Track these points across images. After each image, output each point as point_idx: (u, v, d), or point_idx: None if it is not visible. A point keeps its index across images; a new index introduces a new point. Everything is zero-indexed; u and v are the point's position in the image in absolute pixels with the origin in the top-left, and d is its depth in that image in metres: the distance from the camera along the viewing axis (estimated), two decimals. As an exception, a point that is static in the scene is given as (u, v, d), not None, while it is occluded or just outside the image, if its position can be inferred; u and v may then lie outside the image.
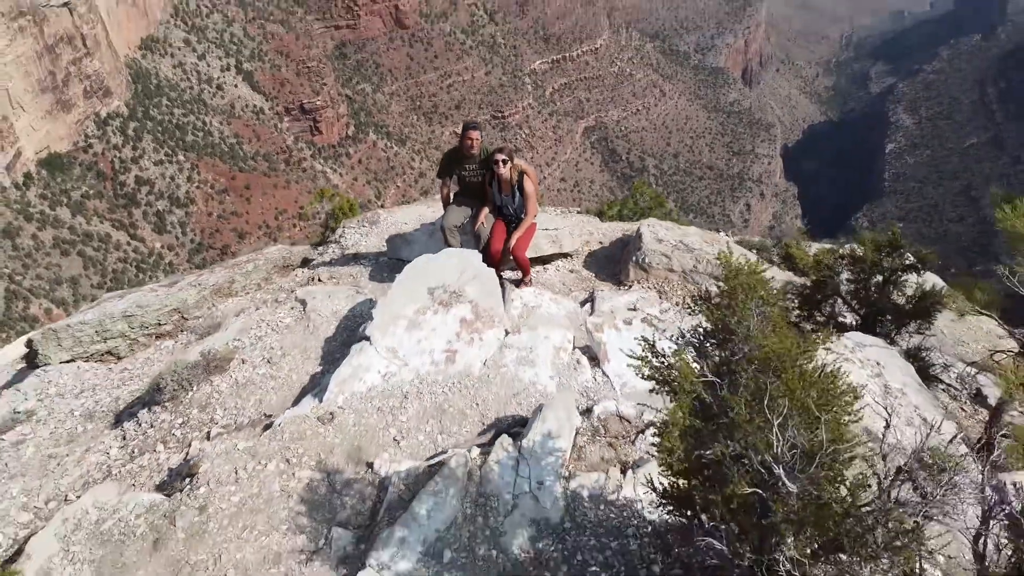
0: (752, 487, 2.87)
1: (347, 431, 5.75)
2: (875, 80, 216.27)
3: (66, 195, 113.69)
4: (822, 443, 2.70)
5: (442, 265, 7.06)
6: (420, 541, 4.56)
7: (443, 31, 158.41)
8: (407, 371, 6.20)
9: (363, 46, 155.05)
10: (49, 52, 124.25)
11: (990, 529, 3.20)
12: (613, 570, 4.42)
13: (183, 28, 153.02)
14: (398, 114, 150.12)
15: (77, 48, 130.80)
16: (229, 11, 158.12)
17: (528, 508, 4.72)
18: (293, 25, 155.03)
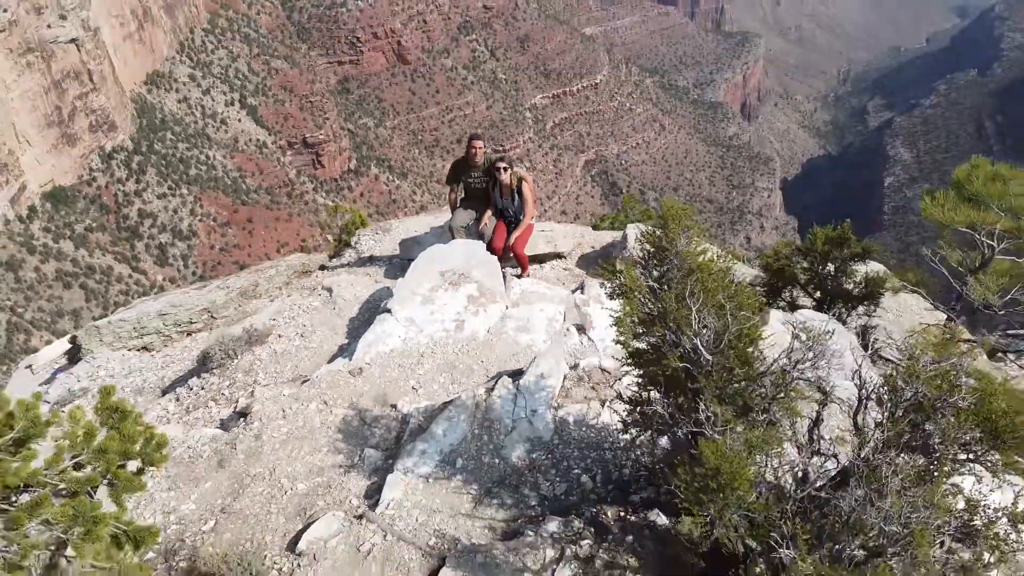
0: (681, 363, 4.08)
1: (373, 381, 6.95)
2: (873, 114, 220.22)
3: (69, 228, 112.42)
4: (726, 324, 3.92)
5: (451, 253, 8.32)
6: (437, 452, 5.74)
7: (444, 67, 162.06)
8: (423, 336, 7.42)
9: (366, 81, 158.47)
10: (56, 87, 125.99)
11: (864, 406, 4.40)
12: (592, 472, 5.59)
13: (189, 64, 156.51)
14: (400, 148, 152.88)
15: (84, 83, 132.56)
16: (234, 47, 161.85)
17: (524, 429, 5.91)
18: (297, 61, 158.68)
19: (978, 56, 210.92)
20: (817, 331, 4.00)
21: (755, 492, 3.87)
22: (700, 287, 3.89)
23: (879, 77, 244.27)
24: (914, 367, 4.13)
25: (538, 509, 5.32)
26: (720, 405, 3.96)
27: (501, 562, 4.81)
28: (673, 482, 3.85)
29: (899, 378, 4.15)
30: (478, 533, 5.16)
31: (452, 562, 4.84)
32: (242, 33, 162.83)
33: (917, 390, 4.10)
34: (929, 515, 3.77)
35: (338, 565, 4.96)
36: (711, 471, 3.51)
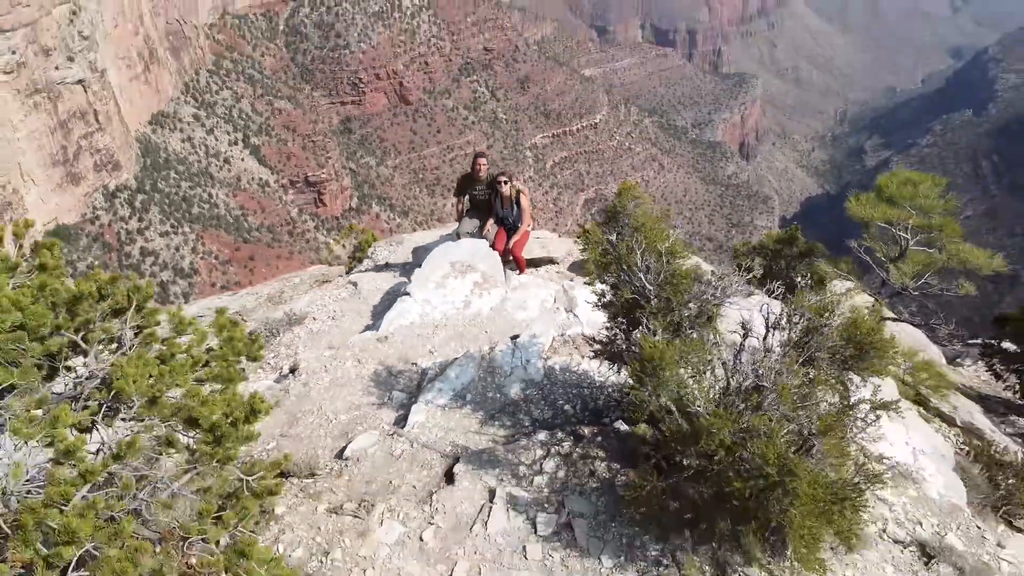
0: (632, 295, 5.75)
1: (397, 346, 8.59)
2: (870, 153, 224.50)
3: (71, 266, 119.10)
4: (662, 265, 5.59)
5: (460, 248, 10.04)
6: (451, 390, 7.36)
7: (446, 107, 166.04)
8: (437, 313, 9.08)
9: (368, 121, 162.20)
10: (62, 127, 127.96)
11: (772, 335, 6.04)
12: (573, 403, 7.20)
13: (193, 104, 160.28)
14: (401, 186, 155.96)
15: (89, 123, 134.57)
16: (238, 88, 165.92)
17: (520, 374, 7.53)
18: (300, 101, 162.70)
19: (973, 97, 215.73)
20: (726, 275, 5.67)
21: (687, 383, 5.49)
22: (643, 238, 5.58)
23: (876, 117, 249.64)
24: (803, 300, 5.80)
25: (530, 428, 6.93)
26: (658, 321, 5.62)
27: (502, 459, 6.40)
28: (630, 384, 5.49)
29: (794, 309, 5.81)
30: (484, 443, 6.75)
31: (464, 460, 6.43)
32: (246, 74, 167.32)
33: (804, 315, 5.76)
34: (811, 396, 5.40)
35: (376, 464, 6.54)
36: (647, 359, 5.14)
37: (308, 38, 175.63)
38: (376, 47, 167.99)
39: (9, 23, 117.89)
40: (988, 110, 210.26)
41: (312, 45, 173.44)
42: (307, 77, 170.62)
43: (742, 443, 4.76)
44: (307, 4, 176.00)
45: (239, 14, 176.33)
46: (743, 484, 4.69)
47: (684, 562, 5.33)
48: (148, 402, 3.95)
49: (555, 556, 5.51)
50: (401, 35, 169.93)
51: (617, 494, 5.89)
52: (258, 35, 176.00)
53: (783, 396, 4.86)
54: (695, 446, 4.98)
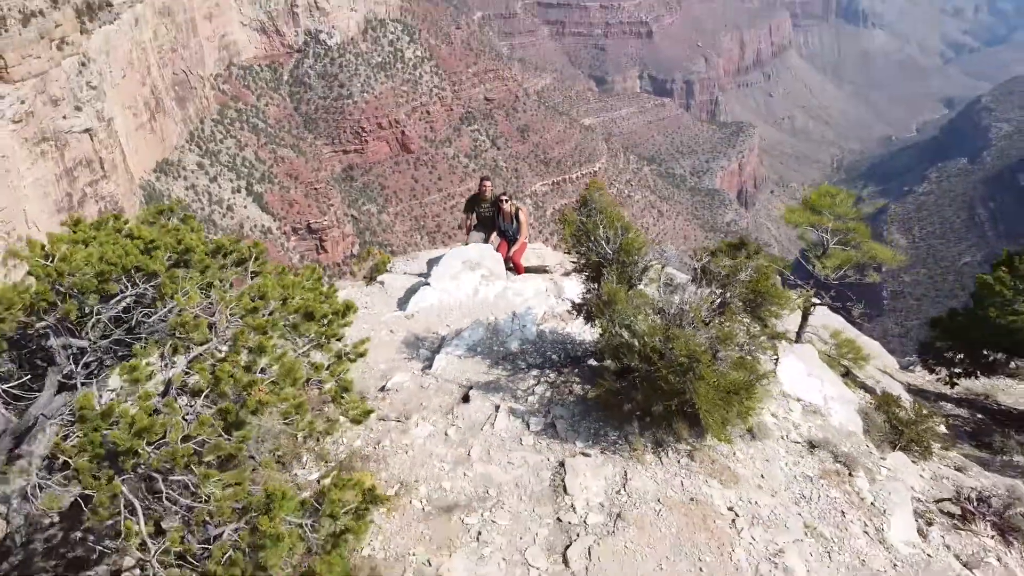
0: (597, 258, 8.22)
1: (421, 321, 11.01)
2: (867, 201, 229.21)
3: None
4: (618, 235, 8.05)
5: (470, 250, 12.55)
6: (465, 345, 9.76)
7: (447, 155, 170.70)
8: (451, 298, 11.52)
9: (369, 169, 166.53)
10: (68, 174, 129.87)
11: (698, 283, 8.49)
12: (558, 354, 9.60)
13: (197, 152, 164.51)
14: (402, 233, 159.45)
15: (95, 171, 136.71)
16: (243, 137, 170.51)
17: (518, 334, 9.94)
18: (303, 150, 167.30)
19: (967, 145, 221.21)
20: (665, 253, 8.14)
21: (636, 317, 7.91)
22: (604, 217, 8.08)
23: (872, 165, 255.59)
24: (719, 260, 8.26)
25: (525, 369, 9.31)
26: (614, 273, 8.08)
27: (504, 386, 8.78)
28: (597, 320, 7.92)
29: (711, 265, 8.28)
30: (491, 378, 9.13)
31: (476, 388, 8.81)
32: (250, 123, 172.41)
33: (719, 271, 8.22)
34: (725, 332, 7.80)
35: (410, 392, 8.92)
36: (605, 296, 7.58)
37: (312, 88, 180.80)
38: (379, 97, 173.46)
39: (20, 74, 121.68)
40: (983, 158, 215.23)
41: (316, 95, 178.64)
42: (310, 126, 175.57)
43: (667, 346, 7.16)
44: (311, 56, 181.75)
45: (244, 65, 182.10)
46: (667, 370, 7.07)
47: (633, 442, 7.67)
48: (281, 303, 6.31)
49: (542, 443, 7.86)
50: (403, 85, 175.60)
51: (587, 404, 8.26)
52: (263, 85, 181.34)
53: (696, 314, 7.29)
54: (639, 353, 7.38)
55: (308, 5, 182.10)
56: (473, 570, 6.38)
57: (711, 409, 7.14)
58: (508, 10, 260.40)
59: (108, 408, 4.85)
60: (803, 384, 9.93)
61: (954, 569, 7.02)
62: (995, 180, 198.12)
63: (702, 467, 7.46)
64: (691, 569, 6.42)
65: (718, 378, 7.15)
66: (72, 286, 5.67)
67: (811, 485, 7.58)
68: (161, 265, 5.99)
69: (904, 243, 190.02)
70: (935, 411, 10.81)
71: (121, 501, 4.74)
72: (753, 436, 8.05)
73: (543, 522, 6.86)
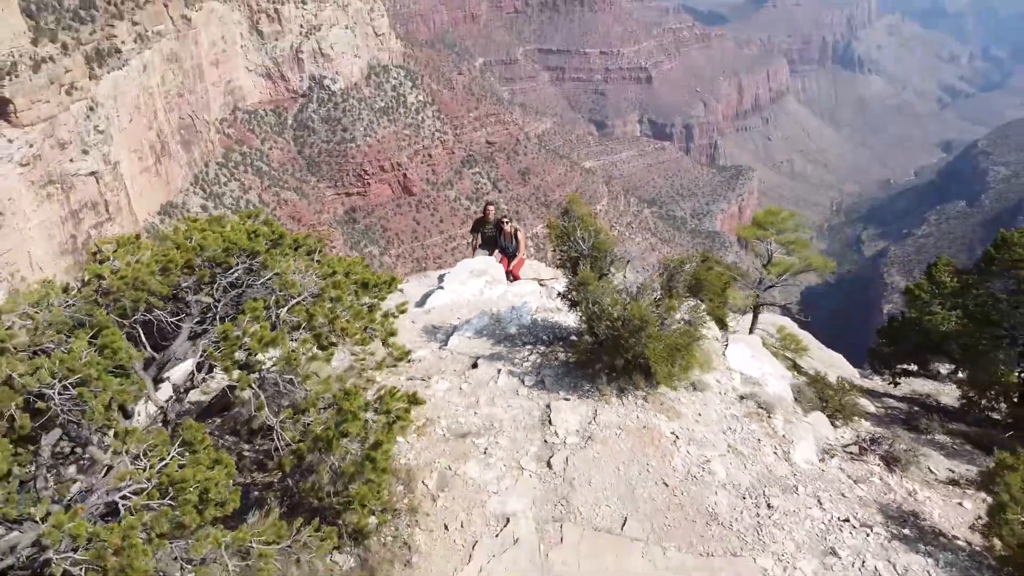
0: (575, 253, 10.91)
1: (436, 315, 13.64)
2: (867, 243, 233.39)
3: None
4: (592, 236, 10.73)
5: (475, 261, 15.26)
6: (473, 330, 12.39)
7: (448, 197, 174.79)
8: (461, 298, 14.18)
9: (372, 211, 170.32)
10: (73, 217, 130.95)
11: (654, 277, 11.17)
12: (548, 335, 12.21)
13: (201, 195, 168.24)
14: (404, 275, 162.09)
15: (100, 213, 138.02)
16: (246, 180, 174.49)
17: (516, 322, 12.57)
18: (306, 192, 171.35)
19: (965, 189, 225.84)
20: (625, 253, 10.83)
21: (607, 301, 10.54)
22: (580, 222, 10.78)
23: (871, 208, 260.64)
24: (669, 260, 10.94)
25: (521, 345, 11.91)
26: (588, 264, 10.74)
27: (505, 357, 11.39)
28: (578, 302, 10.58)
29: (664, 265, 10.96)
30: (494, 352, 11.72)
31: (483, 358, 11.41)
32: (254, 166, 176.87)
33: (669, 267, 10.90)
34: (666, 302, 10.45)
35: (431, 362, 11.51)
36: (581, 280, 10.23)
37: (315, 132, 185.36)
38: (381, 140, 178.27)
39: (29, 118, 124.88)
40: (981, 201, 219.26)
41: (319, 139, 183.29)
42: (313, 169, 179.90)
43: (625, 314, 9.78)
44: (315, 100, 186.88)
45: (250, 109, 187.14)
46: (627, 332, 9.67)
47: (602, 389, 10.25)
48: (345, 274, 8.90)
49: (534, 393, 10.43)
50: (406, 129, 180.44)
51: (568, 366, 10.85)
52: (267, 129, 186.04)
53: (644, 291, 9.94)
54: (606, 321, 10.00)
55: (313, 52, 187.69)
56: (482, 472, 8.90)
57: (659, 361, 9.73)
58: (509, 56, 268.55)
59: (239, 330, 7.47)
60: (747, 363, 12.51)
61: (842, 480, 9.52)
62: (994, 223, 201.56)
63: (653, 406, 10.02)
64: (640, 471, 8.94)
65: (664, 338, 9.75)
66: (206, 259, 8.32)
67: (736, 421, 10.13)
68: (262, 247, 8.65)
69: (904, 285, 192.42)
70: (858, 388, 13.33)
71: (250, 392, 7.33)
72: (696, 388, 10.62)
73: (533, 442, 9.40)
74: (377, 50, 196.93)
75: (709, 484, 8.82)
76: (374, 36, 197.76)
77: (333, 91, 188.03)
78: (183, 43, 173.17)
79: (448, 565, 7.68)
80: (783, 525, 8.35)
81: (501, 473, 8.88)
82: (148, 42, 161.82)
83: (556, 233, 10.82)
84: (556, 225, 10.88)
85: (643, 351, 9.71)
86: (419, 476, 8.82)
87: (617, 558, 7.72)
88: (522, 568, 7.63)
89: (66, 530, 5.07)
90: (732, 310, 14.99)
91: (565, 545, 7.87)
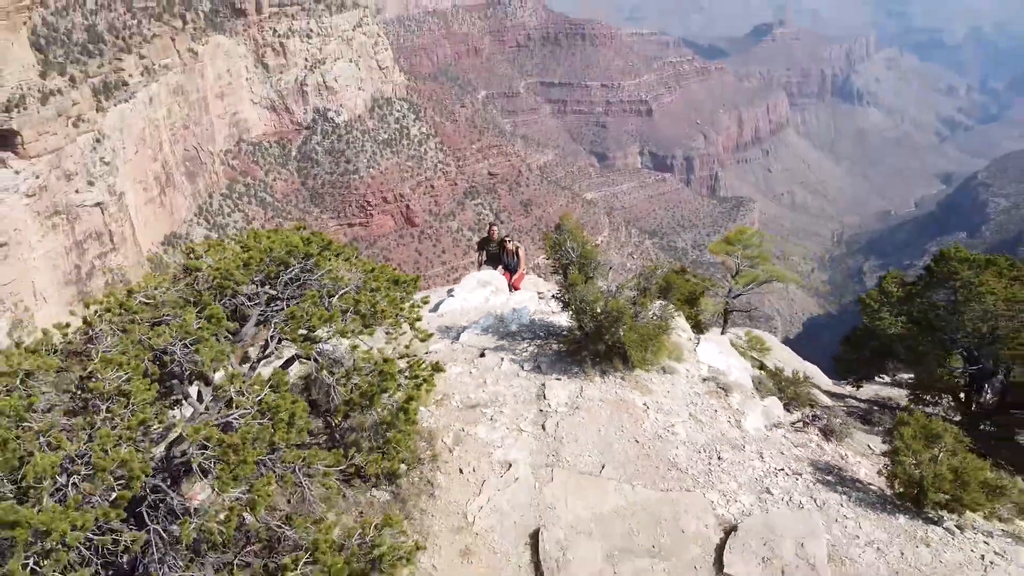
0: (565, 261, 13.29)
1: (447, 318, 15.99)
2: (869, 274, 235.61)
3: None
4: (580, 246, 13.10)
5: (482, 274, 17.65)
6: (480, 328, 14.73)
7: (451, 228, 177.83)
8: (469, 304, 16.53)
9: (374, 242, 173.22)
10: (77, 247, 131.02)
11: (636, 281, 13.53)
12: (544, 332, 14.54)
13: (205, 226, 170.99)
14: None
15: (104, 244, 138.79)
16: (250, 211, 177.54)
17: (517, 321, 14.91)
18: (309, 224, 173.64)
19: (965, 220, 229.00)
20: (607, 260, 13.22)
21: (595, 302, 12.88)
22: (570, 235, 13.17)
23: (871, 240, 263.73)
24: (644, 268, 13.31)
25: (521, 339, 14.22)
26: (576, 269, 13.11)
27: (507, 348, 13.71)
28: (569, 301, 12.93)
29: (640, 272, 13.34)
30: (498, 345, 14.03)
31: (489, 350, 13.73)
32: (258, 197, 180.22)
33: (644, 272, 13.28)
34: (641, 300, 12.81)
35: (445, 353, 13.82)
36: (570, 282, 12.59)
37: (319, 163, 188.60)
38: (384, 172, 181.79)
39: (36, 150, 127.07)
40: (982, 232, 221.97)
41: (323, 170, 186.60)
42: (316, 200, 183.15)
43: (606, 308, 12.11)
44: (319, 132, 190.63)
45: (254, 141, 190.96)
46: (607, 322, 11.98)
47: (587, 371, 12.54)
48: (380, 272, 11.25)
49: (531, 375, 12.72)
50: (408, 161, 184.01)
51: (560, 355, 13.16)
52: (271, 161, 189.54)
53: (622, 290, 12.29)
54: (590, 315, 12.32)
55: (317, 84, 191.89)
56: (488, 433, 11.16)
57: (634, 347, 12.03)
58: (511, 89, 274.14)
59: (303, 311, 9.81)
60: (714, 357, 14.81)
61: (783, 443, 11.76)
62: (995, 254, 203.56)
63: (629, 384, 12.30)
64: (616, 432, 11.19)
65: (638, 329, 12.07)
66: (272, 259, 10.68)
67: (699, 398, 12.41)
68: (315, 250, 11.01)
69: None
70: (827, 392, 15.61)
71: (314, 356, 9.63)
72: (666, 372, 12.89)
73: (530, 411, 11.67)
74: (381, 83, 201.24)
75: (671, 442, 11.07)
76: (378, 69, 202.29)
77: (337, 123, 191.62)
78: (189, 76, 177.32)
79: (463, 497, 9.91)
80: (729, 472, 10.59)
81: (504, 434, 11.14)
82: (155, 75, 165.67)
83: (550, 244, 13.18)
84: (550, 237, 13.24)
85: (620, 339, 12.02)
86: (438, 436, 11.07)
87: (596, 492, 9.94)
88: (521, 499, 9.86)
89: (201, 433, 7.34)
90: (705, 319, 17.30)
91: (555, 483, 10.10)
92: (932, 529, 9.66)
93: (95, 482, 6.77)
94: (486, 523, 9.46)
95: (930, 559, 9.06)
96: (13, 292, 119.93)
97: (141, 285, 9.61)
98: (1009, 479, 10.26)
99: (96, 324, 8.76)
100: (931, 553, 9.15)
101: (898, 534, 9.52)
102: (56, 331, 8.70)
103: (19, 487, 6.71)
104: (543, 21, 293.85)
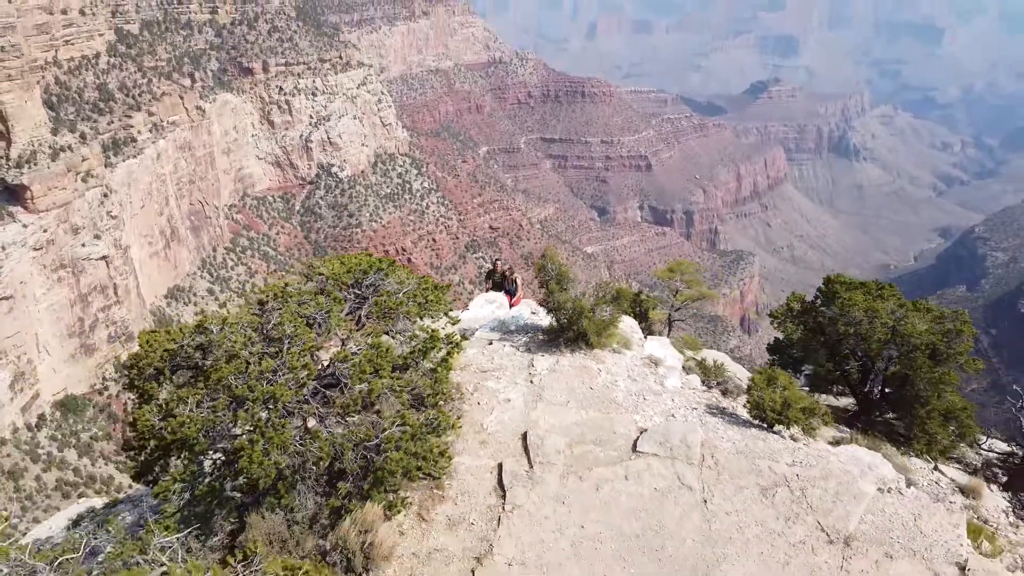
0: (547, 278, 20.04)
1: (464, 323, 22.64)
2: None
3: (75, 436, 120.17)
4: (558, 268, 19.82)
5: (488, 295, 24.43)
6: (488, 327, 21.48)
7: (452, 281, 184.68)
8: (480, 315, 23.28)
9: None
10: (82, 300, 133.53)
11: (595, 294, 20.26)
12: (535, 330, 21.21)
13: (208, 279, 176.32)
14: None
15: (108, 296, 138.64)
16: (253, 264, 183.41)
17: (514, 323, 21.65)
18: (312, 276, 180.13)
19: (964, 274, 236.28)
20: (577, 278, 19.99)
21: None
22: (551, 260, 19.94)
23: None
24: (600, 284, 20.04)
25: (518, 334, 20.87)
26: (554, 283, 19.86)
27: (507, 339, 20.41)
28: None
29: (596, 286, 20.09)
30: (501, 338, 20.67)
31: (495, 340, 20.39)
32: (261, 251, 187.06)
33: (599, 286, 20.03)
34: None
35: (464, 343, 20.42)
36: (550, 291, 19.30)
37: (322, 217, 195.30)
38: (386, 226, 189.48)
39: (44, 204, 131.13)
40: (981, 286, 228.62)
41: (326, 224, 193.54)
42: (319, 253, 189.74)
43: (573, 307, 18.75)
44: (323, 187, 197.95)
45: (258, 196, 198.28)
46: (574, 316, 18.61)
47: (562, 350, 19.15)
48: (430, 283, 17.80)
49: (524, 354, 19.36)
50: (411, 215, 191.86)
51: (544, 341, 19.82)
52: (275, 215, 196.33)
53: (587, 294, 19.01)
54: (563, 312, 18.99)
55: (322, 141, 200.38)
56: (496, 384, 17.70)
57: (592, 333, 18.64)
58: (512, 145, 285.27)
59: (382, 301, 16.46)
60: (655, 349, 21.40)
61: (691, 395, 18.25)
62: (995, 307, 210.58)
63: (590, 358, 18.86)
64: (578, 384, 17.72)
65: (595, 321, 18.69)
66: (361, 270, 17.37)
67: (636, 368, 18.98)
68: (385, 265, 17.71)
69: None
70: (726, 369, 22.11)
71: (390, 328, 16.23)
72: (616, 352, 19.44)
73: (523, 374, 18.23)
74: (384, 139, 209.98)
75: (614, 389, 17.61)
76: (381, 126, 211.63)
77: (340, 178, 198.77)
78: (196, 133, 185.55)
79: (480, 417, 16.41)
80: (650, 406, 17.10)
81: (506, 385, 17.68)
82: (163, 132, 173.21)
83: (538, 267, 19.82)
84: (538, 263, 19.91)
85: (584, 328, 18.65)
86: (463, 386, 17.62)
87: (562, 413, 16.44)
88: (516, 417, 16.35)
89: (340, 356, 13.89)
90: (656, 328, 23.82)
91: (538, 409, 16.61)
92: (770, 435, 16.11)
93: (290, 376, 13.32)
94: (494, 429, 15.96)
95: (762, 446, 15.50)
96: (16, 344, 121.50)
97: (291, 282, 16.29)
98: (818, 403, 16.73)
99: (268, 302, 15.40)
100: (764, 444, 15.60)
101: (748, 436, 15.97)
102: (247, 299, 15.32)
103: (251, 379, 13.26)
104: (543, 79, 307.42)
